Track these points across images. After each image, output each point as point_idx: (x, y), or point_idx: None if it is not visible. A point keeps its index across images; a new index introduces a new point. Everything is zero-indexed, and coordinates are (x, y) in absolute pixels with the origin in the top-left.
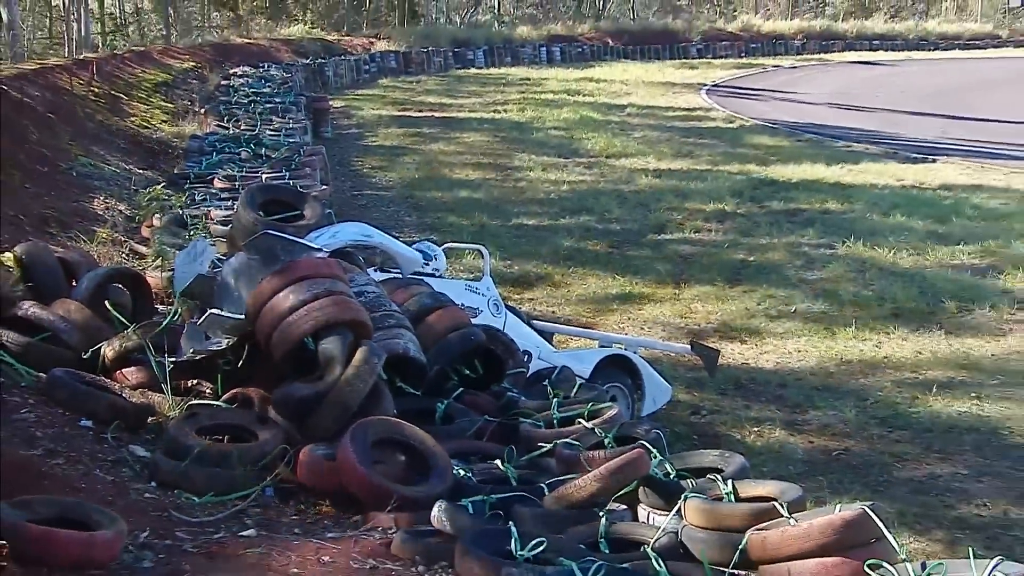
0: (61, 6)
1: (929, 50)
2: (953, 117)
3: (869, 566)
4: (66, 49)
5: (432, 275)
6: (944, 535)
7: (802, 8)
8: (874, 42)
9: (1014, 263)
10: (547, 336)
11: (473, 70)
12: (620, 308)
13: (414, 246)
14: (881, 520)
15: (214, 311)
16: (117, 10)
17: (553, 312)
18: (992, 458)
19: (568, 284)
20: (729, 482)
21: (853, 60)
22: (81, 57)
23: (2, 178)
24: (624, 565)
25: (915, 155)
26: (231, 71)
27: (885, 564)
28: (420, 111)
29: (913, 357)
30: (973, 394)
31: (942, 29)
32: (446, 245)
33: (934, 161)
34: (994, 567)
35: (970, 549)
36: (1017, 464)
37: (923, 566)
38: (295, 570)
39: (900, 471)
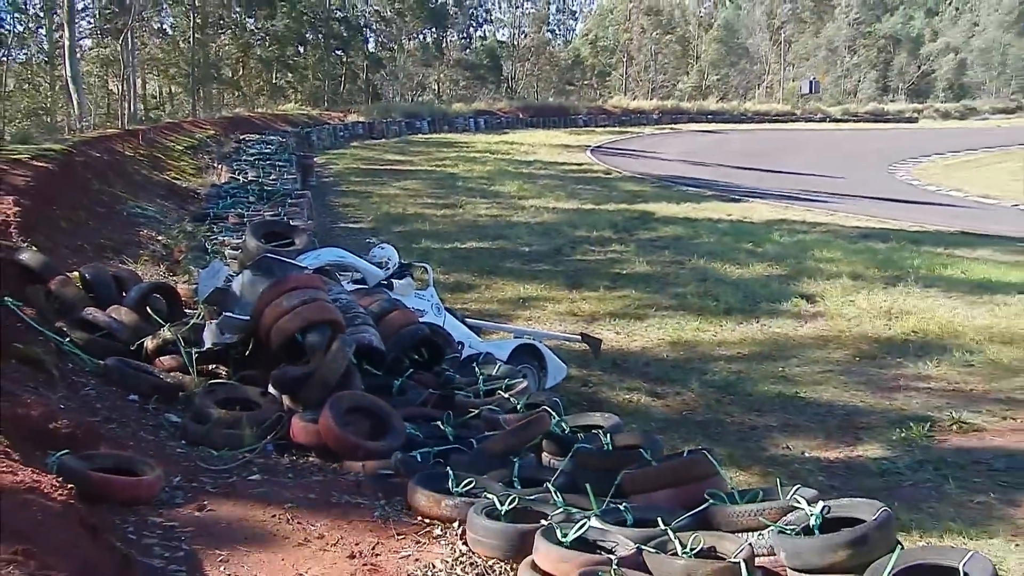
0: (116, 91)
1: (747, 123)
2: (765, 170)
3: (708, 494)
4: (120, 122)
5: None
6: (760, 470)
7: (658, 91)
8: (709, 116)
9: (807, 274)
10: (476, 330)
11: (420, 136)
12: (530, 308)
13: (373, 249)
14: (715, 461)
15: (228, 314)
16: (157, 92)
17: (480, 311)
18: (793, 414)
19: (492, 290)
20: (608, 435)
21: (695, 129)
22: (130, 128)
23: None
24: (531, 497)
25: (739, 197)
26: (241, 137)
27: (719, 491)
28: (381, 165)
29: (739, 342)
30: (780, 368)
31: (756, 108)
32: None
33: (752, 202)
34: (794, 492)
35: (777, 480)
36: (811, 419)
37: (744, 492)
38: (289, 504)
39: (729, 425)
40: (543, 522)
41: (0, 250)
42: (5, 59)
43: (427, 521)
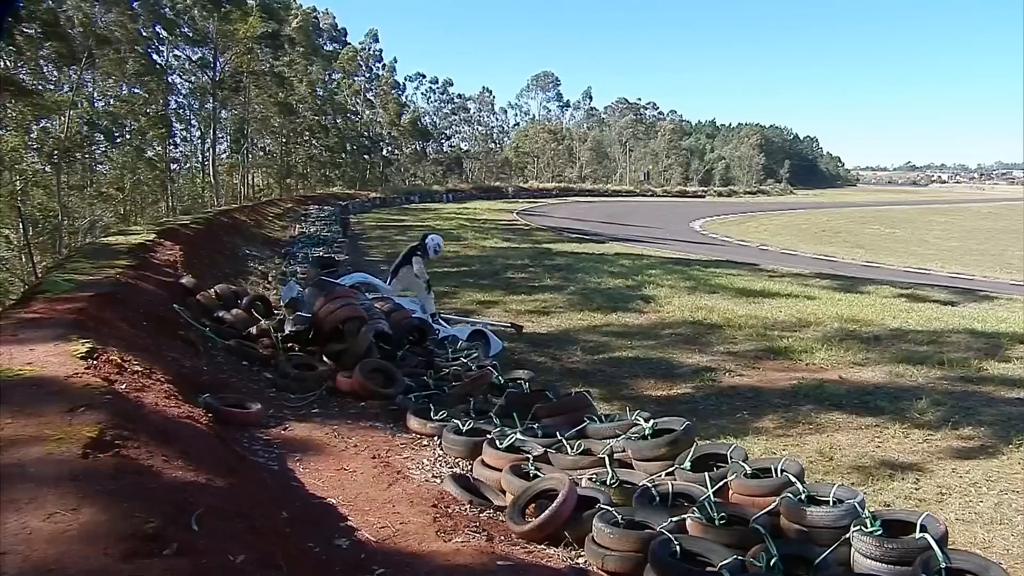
0: (237, 183)
1: (608, 197)
2: (618, 224)
3: (586, 417)
4: (238, 202)
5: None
6: (619, 403)
7: (555, 178)
8: (585, 193)
9: (644, 284)
10: (447, 321)
11: (413, 205)
12: (482, 306)
13: (428, 237)
14: (591, 396)
15: (299, 313)
16: (260, 183)
17: (450, 310)
18: (637, 368)
19: (459, 296)
20: (527, 383)
21: (577, 200)
22: (244, 205)
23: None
24: (480, 421)
25: (603, 240)
26: (308, 207)
27: (593, 416)
28: (389, 223)
29: (604, 325)
30: (629, 341)
31: (613, 188)
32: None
33: (611, 243)
34: (636, 414)
35: (627, 407)
36: (647, 370)
37: (608, 415)
38: (335, 426)
39: (601, 376)
40: (488, 435)
41: (172, 277)
42: (180, 169)
43: (418, 436)
